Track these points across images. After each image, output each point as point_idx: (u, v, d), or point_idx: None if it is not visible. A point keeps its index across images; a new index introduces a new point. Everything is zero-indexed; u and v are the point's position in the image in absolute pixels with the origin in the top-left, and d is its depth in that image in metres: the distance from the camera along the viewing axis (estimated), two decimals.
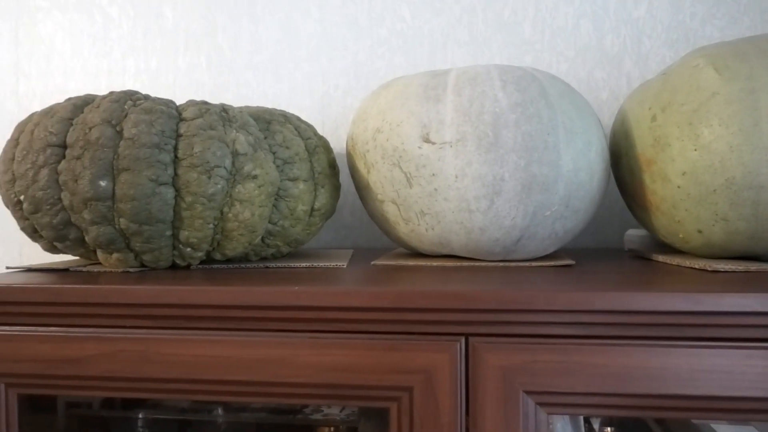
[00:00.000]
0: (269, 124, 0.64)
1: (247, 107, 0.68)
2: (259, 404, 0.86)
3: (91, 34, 1.01)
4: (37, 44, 1.02)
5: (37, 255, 1.04)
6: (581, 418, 0.72)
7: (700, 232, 0.59)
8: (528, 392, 0.46)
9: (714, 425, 0.72)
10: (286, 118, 0.66)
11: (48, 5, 1.02)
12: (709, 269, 0.57)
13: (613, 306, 0.45)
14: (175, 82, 1.00)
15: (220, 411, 0.86)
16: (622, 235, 0.92)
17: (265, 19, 0.98)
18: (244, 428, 0.87)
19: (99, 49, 1.01)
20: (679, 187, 0.59)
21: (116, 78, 1.01)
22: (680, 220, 0.60)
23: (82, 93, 1.02)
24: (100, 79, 1.01)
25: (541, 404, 0.46)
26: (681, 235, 0.62)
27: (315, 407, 0.85)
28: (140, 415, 0.84)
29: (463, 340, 0.47)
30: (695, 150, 0.57)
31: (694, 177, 0.57)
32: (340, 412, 0.83)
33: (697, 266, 0.59)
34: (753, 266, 0.57)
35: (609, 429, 0.73)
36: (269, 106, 0.98)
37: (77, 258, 0.78)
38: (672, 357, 0.45)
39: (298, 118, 0.70)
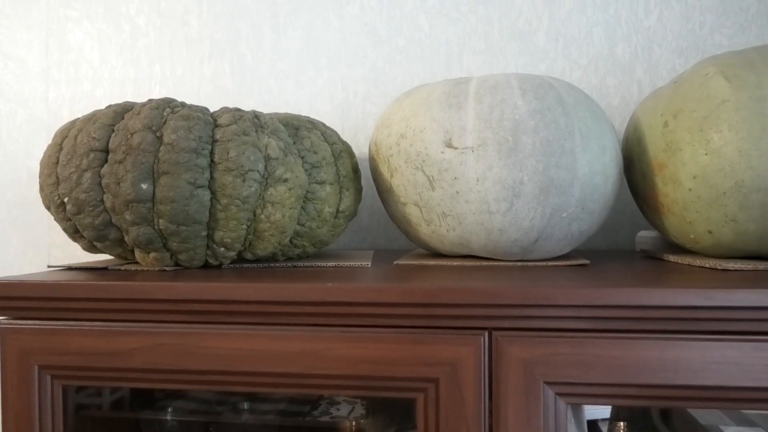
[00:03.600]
0: (297, 129, 0.67)
1: (276, 114, 0.71)
2: (268, 407, 0.88)
3: (119, 43, 1.05)
4: (67, 52, 1.06)
5: (64, 256, 1.07)
6: (585, 420, 0.74)
7: (710, 232, 0.62)
8: (548, 383, 0.49)
9: (723, 427, 0.74)
10: (312, 124, 0.69)
11: (77, 15, 1.06)
12: (719, 268, 0.60)
13: (629, 301, 0.48)
14: (199, 89, 1.03)
15: (229, 413, 0.88)
16: (633, 236, 0.94)
17: (287, 28, 1.01)
18: (253, 430, 0.90)
19: (126, 57, 1.05)
20: (690, 189, 0.61)
21: (143, 85, 1.04)
22: (691, 221, 0.63)
23: (109, 99, 1.05)
24: (127, 86, 1.05)
25: (561, 394, 0.49)
26: (692, 236, 0.64)
27: (324, 409, 0.88)
28: (147, 416, 0.87)
29: (486, 334, 0.50)
30: (706, 154, 0.60)
31: (704, 180, 0.60)
32: (348, 414, 0.86)
33: (707, 265, 0.61)
34: (762, 265, 0.59)
35: (622, 424, 0.76)
36: (290, 112, 1.01)
37: (112, 258, 0.81)
38: (685, 350, 0.48)
39: (324, 124, 0.73)
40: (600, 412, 0.79)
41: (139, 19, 1.04)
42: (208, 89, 1.03)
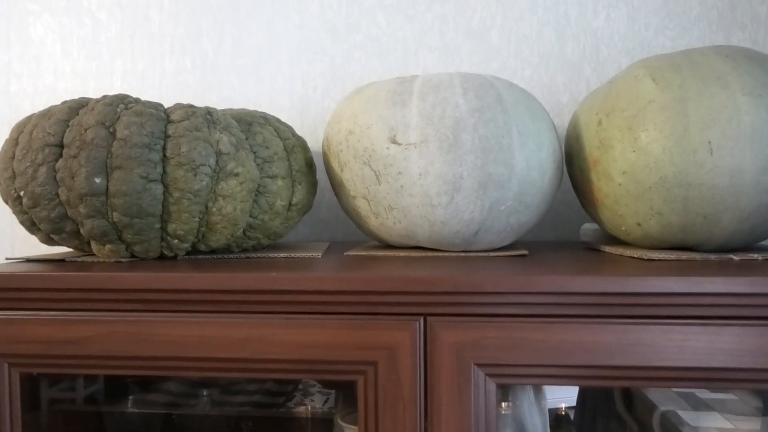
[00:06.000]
0: (250, 125, 0.69)
1: (230, 110, 0.73)
2: (243, 399, 0.91)
3: (81, 37, 1.06)
4: (28, 46, 1.07)
5: (28, 248, 1.08)
6: (546, 405, 0.78)
7: (639, 225, 0.66)
8: (478, 365, 0.53)
9: (681, 412, 0.79)
10: (266, 120, 0.72)
11: (39, 9, 1.06)
12: (645, 258, 0.64)
13: (551, 288, 0.51)
14: (161, 84, 1.05)
15: (205, 405, 0.91)
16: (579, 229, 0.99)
17: (248, 24, 1.03)
18: (229, 422, 0.92)
19: (88, 51, 1.06)
20: (620, 184, 0.65)
21: (105, 79, 1.06)
22: (622, 214, 0.67)
23: (71, 93, 1.06)
24: (89, 80, 1.06)
25: (490, 375, 0.53)
26: (623, 228, 0.68)
27: (299, 400, 0.91)
28: (126, 410, 0.89)
29: (421, 319, 0.53)
30: (633, 151, 0.63)
31: (632, 176, 0.64)
32: (323, 405, 0.89)
33: (636, 255, 0.65)
34: (684, 255, 0.64)
35: (563, 405, 0.80)
36: (251, 107, 1.03)
37: (71, 250, 0.83)
38: (603, 333, 0.51)
39: (278, 120, 0.76)
40: (570, 400, 0.83)
41: (101, 13, 1.05)
42: (170, 84, 1.04)
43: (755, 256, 0.63)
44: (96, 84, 1.06)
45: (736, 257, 0.63)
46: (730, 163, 0.59)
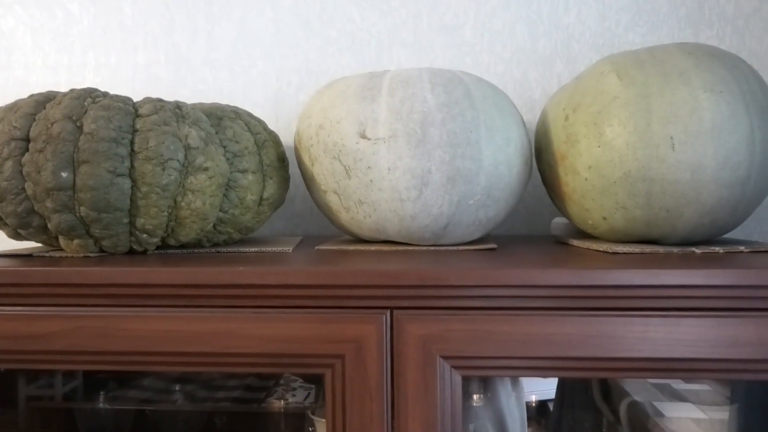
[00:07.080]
0: (221, 120, 0.69)
1: (201, 104, 0.73)
2: (224, 394, 0.91)
3: (52, 29, 1.05)
4: None
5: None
6: (524, 396, 0.79)
7: (604, 219, 0.67)
8: (444, 357, 0.53)
9: (656, 403, 0.80)
10: (237, 115, 0.72)
11: (9, 0, 1.05)
12: (610, 251, 0.65)
13: (515, 281, 0.52)
14: (134, 77, 1.04)
15: (177, 400, 0.90)
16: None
17: (222, 17, 1.03)
18: (203, 418, 0.92)
19: (60, 44, 1.05)
20: (586, 179, 0.66)
21: (77, 72, 1.04)
22: (588, 208, 0.68)
23: (42, 86, 1.05)
24: (61, 74, 1.05)
25: (456, 367, 0.54)
26: (590, 222, 0.70)
27: (280, 395, 0.91)
28: (100, 405, 0.89)
29: (388, 312, 0.54)
30: (599, 146, 0.64)
31: (597, 170, 0.65)
32: (304, 400, 0.89)
33: (602, 249, 0.67)
34: (648, 248, 0.65)
35: (533, 397, 0.81)
36: (225, 101, 1.03)
37: (39, 245, 0.82)
38: (565, 324, 0.52)
39: (249, 114, 0.76)
40: (549, 392, 0.84)
41: (73, 5, 1.04)
42: (143, 77, 1.03)
43: (717, 249, 0.65)
44: (68, 77, 1.05)
45: (698, 250, 0.64)
46: (692, 158, 0.61)
